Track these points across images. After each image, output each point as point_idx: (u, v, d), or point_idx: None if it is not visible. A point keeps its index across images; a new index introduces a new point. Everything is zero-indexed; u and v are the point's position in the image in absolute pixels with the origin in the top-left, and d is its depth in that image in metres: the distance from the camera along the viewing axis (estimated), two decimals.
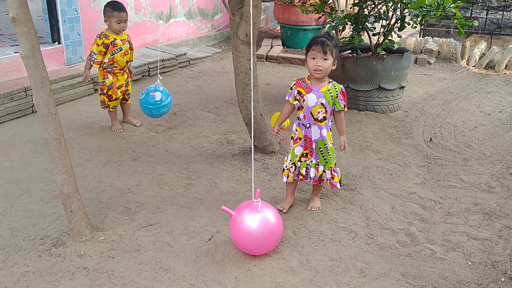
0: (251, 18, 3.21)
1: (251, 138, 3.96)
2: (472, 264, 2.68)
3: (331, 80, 3.01)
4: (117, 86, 4.43)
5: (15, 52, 5.20)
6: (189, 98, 5.59)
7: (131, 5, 6.68)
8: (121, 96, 4.50)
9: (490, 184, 3.60)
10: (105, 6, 4.32)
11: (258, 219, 2.58)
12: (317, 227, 2.99)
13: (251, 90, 2.76)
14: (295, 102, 3.03)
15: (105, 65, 4.34)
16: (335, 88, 2.97)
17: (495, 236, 2.94)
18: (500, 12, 9.10)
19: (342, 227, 3.00)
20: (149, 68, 6.32)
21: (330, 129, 3.06)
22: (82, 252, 2.69)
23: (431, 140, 4.47)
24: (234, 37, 3.63)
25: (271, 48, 8.05)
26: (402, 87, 5.16)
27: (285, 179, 3.14)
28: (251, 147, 4.05)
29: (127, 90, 4.55)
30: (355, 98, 5.09)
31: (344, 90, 3.01)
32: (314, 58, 2.90)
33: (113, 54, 4.31)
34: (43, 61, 2.49)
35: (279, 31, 8.63)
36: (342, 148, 3.11)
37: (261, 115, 3.81)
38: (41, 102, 2.51)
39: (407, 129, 4.73)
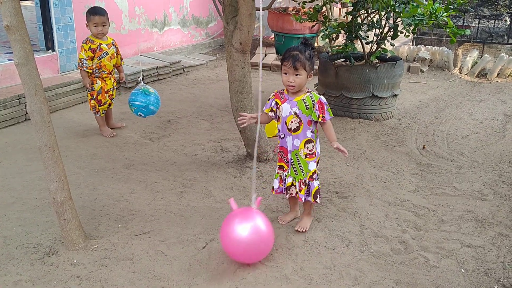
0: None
1: (245, 146, 3.97)
2: (465, 272, 2.69)
3: (309, 90, 2.91)
4: (105, 90, 4.48)
5: (9, 60, 5.19)
6: (183, 105, 5.59)
7: (126, 13, 6.69)
8: (109, 101, 4.54)
9: (483, 192, 3.62)
10: (86, 12, 4.38)
11: (249, 227, 2.56)
12: (311, 235, 2.99)
13: (258, 100, 2.74)
14: (271, 113, 2.99)
15: (93, 70, 4.37)
16: (311, 98, 2.85)
17: (488, 244, 2.95)
18: (492, 21, 9.20)
19: (336, 234, 3.01)
20: (143, 76, 6.31)
21: (312, 140, 2.94)
22: (75, 261, 2.68)
23: (424, 147, 4.49)
24: (228, 45, 3.64)
25: (265, 56, 8.08)
26: (395, 95, 5.19)
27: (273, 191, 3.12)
28: (245, 155, 4.06)
29: (112, 95, 4.60)
30: (349, 106, 5.11)
31: (322, 101, 2.85)
32: (286, 73, 2.83)
33: (100, 59, 4.37)
34: (37, 69, 2.49)
35: (273, 39, 8.67)
36: (340, 152, 2.86)
37: (255, 122, 3.81)
38: (35, 110, 2.51)
39: (400, 137, 4.75)
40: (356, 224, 3.13)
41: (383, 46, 5.16)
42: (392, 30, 4.98)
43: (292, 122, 2.90)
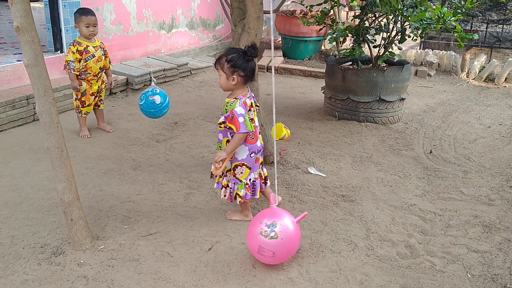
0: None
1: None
2: (472, 277, 2.68)
3: (239, 97, 2.89)
4: (90, 92, 4.53)
5: (18, 61, 5.23)
6: (190, 107, 5.61)
7: (134, 15, 6.72)
8: (94, 103, 4.59)
9: (490, 197, 3.61)
10: (74, 13, 4.41)
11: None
12: (317, 238, 2.99)
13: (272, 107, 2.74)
14: None
15: (79, 72, 4.40)
16: (231, 105, 2.87)
17: (494, 249, 2.94)
18: (500, 26, 9.16)
19: (342, 238, 3.00)
20: (151, 78, 6.34)
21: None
22: (82, 261, 2.69)
23: (431, 152, 4.48)
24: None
25: (272, 58, 8.09)
26: (403, 99, 5.18)
27: None
28: None
29: (100, 96, 4.64)
30: (356, 109, 5.11)
31: (235, 111, 2.82)
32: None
33: (86, 61, 4.40)
34: (46, 70, 2.51)
35: (280, 42, 8.68)
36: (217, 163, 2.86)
37: (261, 125, 3.82)
38: (44, 111, 2.53)
39: (407, 141, 4.74)
40: (362, 228, 3.13)
41: (390, 49, 5.15)
42: (400, 34, 4.98)
43: (221, 116, 2.98)
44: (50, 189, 3.49)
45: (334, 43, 7.80)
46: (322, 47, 8.64)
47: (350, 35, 5.21)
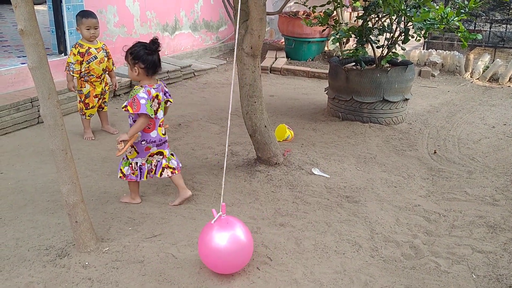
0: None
1: (255, 150, 3.98)
2: (476, 278, 2.67)
3: (144, 86, 3.10)
4: (94, 94, 4.55)
5: (22, 63, 5.25)
6: (194, 109, 5.61)
7: (137, 17, 6.74)
8: (97, 105, 4.61)
9: (494, 197, 3.60)
10: (76, 15, 4.43)
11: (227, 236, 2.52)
12: (321, 239, 2.99)
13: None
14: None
15: (81, 74, 4.42)
16: (135, 91, 3.07)
17: (499, 249, 2.93)
18: (504, 25, 9.14)
19: (346, 239, 3.00)
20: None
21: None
22: (86, 263, 2.70)
23: (435, 152, 4.47)
24: (239, 49, 3.66)
25: (275, 60, 8.10)
26: (406, 100, 5.18)
27: None
28: (255, 159, 4.06)
29: (104, 98, 4.65)
30: (359, 110, 5.10)
31: (137, 96, 3.02)
32: None
33: (89, 63, 4.42)
34: (50, 73, 2.52)
35: (283, 43, 8.68)
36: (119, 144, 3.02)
37: (265, 126, 3.83)
38: (48, 113, 2.54)
39: (411, 141, 4.73)
40: (367, 229, 3.12)
41: (394, 50, 5.15)
42: (403, 34, 4.97)
43: None
44: (54, 191, 3.50)
45: (338, 44, 7.80)
46: (325, 48, 8.63)
47: (353, 35, 5.20)
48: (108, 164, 4.02)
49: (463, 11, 4.56)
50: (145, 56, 3.08)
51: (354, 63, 5.59)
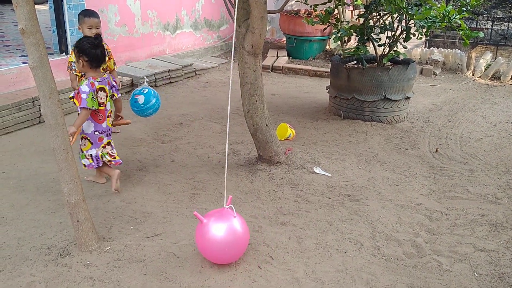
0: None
1: (256, 148, 3.97)
2: (479, 276, 2.66)
3: (88, 78, 3.36)
4: None
5: (23, 63, 5.25)
6: (195, 108, 5.61)
7: (138, 16, 6.74)
8: None
9: (496, 195, 3.59)
10: (78, 14, 4.41)
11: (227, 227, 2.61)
12: (322, 238, 2.98)
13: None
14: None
15: (81, 72, 4.40)
16: (80, 84, 3.35)
17: (502, 248, 2.92)
18: (506, 23, 9.12)
19: (348, 238, 3.00)
20: (156, 79, 6.36)
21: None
22: (88, 262, 2.70)
23: (437, 151, 4.46)
24: (240, 48, 3.65)
25: (277, 58, 8.09)
26: (408, 98, 5.17)
27: None
28: (256, 157, 4.06)
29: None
30: (361, 108, 5.09)
31: (80, 90, 3.29)
32: None
33: None
34: (51, 72, 2.52)
35: (285, 42, 8.67)
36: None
37: (266, 125, 3.82)
38: (49, 113, 2.54)
39: (413, 139, 4.73)
40: (368, 228, 3.12)
41: (395, 48, 5.14)
42: (405, 32, 4.96)
43: None
44: (56, 190, 3.51)
45: (339, 42, 7.80)
46: (327, 47, 8.62)
47: (354, 34, 5.20)
48: None
49: (465, 9, 4.55)
50: (89, 49, 3.31)
51: (355, 62, 5.59)
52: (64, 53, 5.64)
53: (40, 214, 3.20)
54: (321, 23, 5.28)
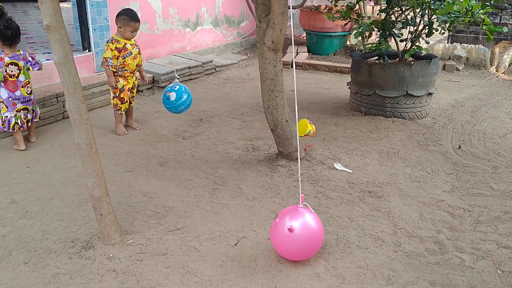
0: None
1: (276, 144, 3.98)
2: (502, 273, 2.63)
3: (1, 53, 4.09)
4: (127, 88, 4.60)
5: (47, 60, 5.33)
6: (215, 104, 5.64)
7: (159, 13, 6.79)
8: (129, 99, 4.66)
9: None
10: (121, 14, 4.45)
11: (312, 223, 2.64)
12: (343, 234, 2.98)
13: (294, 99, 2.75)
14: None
15: (116, 68, 4.46)
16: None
17: None
18: None
19: (369, 234, 2.98)
20: (177, 76, 6.39)
21: None
22: (111, 255, 2.74)
23: (460, 147, 4.40)
24: (260, 44, 3.66)
25: (297, 54, 8.07)
26: (430, 94, 5.10)
27: None
28: (276, 153, 4.06)
29: (133, 93, 4.72)
30: (382, 104, 5.05)
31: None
32: None
33: (124, 58, 4.47)
34: (75, 68, 2.56)
35: (305, 37, 8.64)
36: None
37: (286, 121, 3.82)
38: (74, 108, 2.58)
39: (435, 136, 4.67)
40: (390, 224, 3.10)
41: (417, 44, 5.08)
42: (427, 27, 4.89)
43: None
44: (80, 185, 3.56)
45: (360, 38, 7.73)
46: (348, 42, 8.56)
47: (376, 29, 5.15)
48: (132, 159, 4.07)
49: (488, 3, 4.47)
50: (3, 30, 4.00)
51: (376, 57, 5.54)
52: (86, 50, 5.72)
53: (64, 208, 3.26)
54: (342, 18, 5.25)
